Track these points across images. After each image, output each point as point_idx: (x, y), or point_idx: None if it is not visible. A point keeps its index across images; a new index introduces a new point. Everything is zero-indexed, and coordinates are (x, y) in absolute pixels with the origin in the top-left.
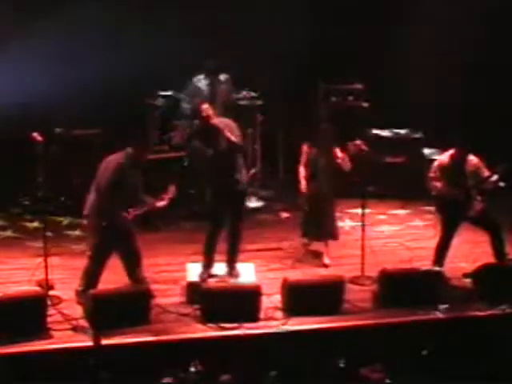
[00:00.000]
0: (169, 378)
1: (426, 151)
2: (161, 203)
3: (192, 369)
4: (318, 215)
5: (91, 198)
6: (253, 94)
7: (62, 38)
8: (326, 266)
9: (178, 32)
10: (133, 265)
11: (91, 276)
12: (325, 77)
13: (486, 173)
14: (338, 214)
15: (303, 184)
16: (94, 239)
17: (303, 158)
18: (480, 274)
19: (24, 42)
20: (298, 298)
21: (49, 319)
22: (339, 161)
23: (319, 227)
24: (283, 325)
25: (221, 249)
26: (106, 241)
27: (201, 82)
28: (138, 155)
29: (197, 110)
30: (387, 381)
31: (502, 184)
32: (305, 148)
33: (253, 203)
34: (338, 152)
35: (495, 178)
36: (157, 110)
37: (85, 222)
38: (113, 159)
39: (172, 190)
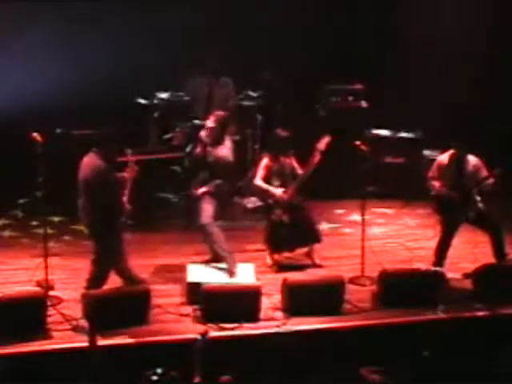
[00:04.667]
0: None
1: (426, 151)
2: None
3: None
4: (298, 224)
5: (82, 203)
6: (253, 94)
7: (61, 38)
8: (319, 266)
9: (177, 32)
10: (123, 264)
11: (98, 279)
12: (325, 77)
13: (485, 174)
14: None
15: (280, 191)
16: (96, 244)
17: (263, 172)
18: (480, 274)
19: (23, 41)
20: (298, 298)
21: (49, 319)
22: (299, 170)
23: (302, 234)
24: (283, 325)
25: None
26: (110, 244)
27: (199, 83)
28: (108, 155)
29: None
30: (387, 381)
31: (498, 186)
32: (266, 161)
33: (253, 203)
34: (293, 160)
35: (492, 180)
36: (156, 110)
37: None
38: (91, 163)
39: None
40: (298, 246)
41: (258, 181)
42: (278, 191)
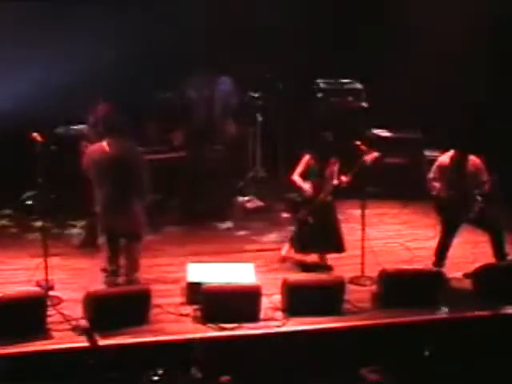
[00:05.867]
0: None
1: (426, 151)
2: None
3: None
4: (324, 227)
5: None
6: (253, 94)
7: (61, 38)
8: (330, 267)
9: (177, 32)
10: None
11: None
12: (324, 77)
13: (485, 176)
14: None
15: (310, 191)
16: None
17: (300, 168)
18: (480, 274)
19: (23, 41)
20: (298, 298)
21: (49, 319)
22: (336, 181)
23: (326, 239)
24: (283, 325)
25: (220, 248)
26: None
27: (200, 82)
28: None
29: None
30: (386, 381)
31: (494, 191)
32: (306, 158)
33: (253, 203)
34: (336, 165)
35: (488, 186)
36: (156, 110)
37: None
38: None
39: None
40: (317, 250)
41: (295, 176)
42: (308, 186)
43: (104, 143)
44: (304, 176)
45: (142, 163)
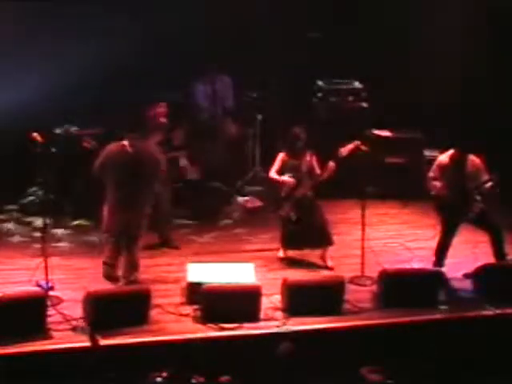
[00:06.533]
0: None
1: (426, 151)
2: None
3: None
4: (308, 223)
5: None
6: (253, 94)
7: (61, 38)
8: (331, 268)
9: (177, 32)
10: None
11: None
12: (324, 77)
13: (485, 176)
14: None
15: (291, 181)
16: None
17: (277, 166)
18: (480, 274)
19: (24, 41)
20: (298, 298)
21: (49, 319)
22: (317, 170)
23: (311, 234)
24: (283, 325)
25: (220, 248)
26: None
27: (201, 83)
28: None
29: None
30: (387, 381)
31: (496, 190)
32: (282, 155)
33: (253, 203)
34: (313, 158)
35: (490, 185)
36: None
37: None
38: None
39: None
40: (306, 245)
41: (272, 173)
42: (288, 178)
43: (125, 143)
44: (281, 173)
45: (161, 165)
